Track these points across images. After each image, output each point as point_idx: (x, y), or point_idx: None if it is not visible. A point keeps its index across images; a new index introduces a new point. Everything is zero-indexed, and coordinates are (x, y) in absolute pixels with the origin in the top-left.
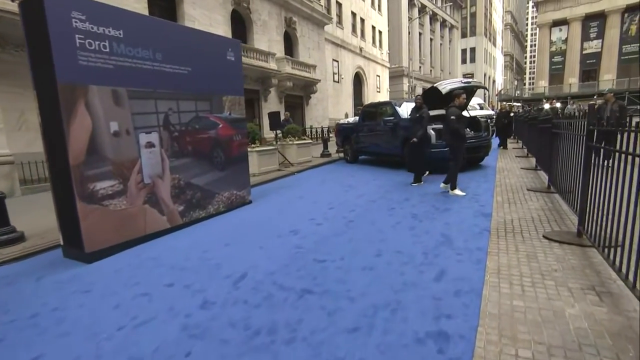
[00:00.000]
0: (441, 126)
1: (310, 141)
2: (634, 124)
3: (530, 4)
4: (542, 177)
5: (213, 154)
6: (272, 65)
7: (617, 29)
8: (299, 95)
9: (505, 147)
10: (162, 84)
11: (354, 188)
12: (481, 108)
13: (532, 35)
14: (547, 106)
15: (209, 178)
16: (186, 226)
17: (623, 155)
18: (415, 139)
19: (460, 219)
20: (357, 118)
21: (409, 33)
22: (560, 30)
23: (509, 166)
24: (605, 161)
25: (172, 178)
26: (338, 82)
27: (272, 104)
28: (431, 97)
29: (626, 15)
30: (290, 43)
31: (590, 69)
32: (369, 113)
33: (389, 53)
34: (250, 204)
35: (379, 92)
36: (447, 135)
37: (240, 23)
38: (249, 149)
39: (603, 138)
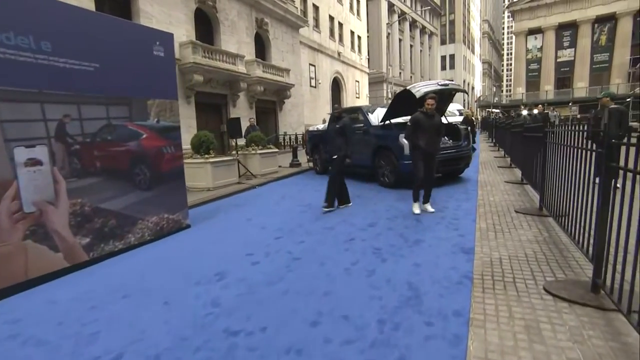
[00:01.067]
0: None
1: (276, 150)
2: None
3: (507, 13)
4: (530, 194)
5: (134, 170)
6: (241, 68)
7: (589, 39)
8: (271, 100)
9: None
10: (52, 83)
11: (313, 208)
12: (460, 114)
13: (508, 43)
14: (524, 112)
15: (128, 200)
16: (95, 262)
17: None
18: (335, 156)
19: (433, 258)
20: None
21: (388, 36)
22: (536, 38)
23: (492, 179)
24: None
25: (71, 203)
26: (315, 87)
27: (241, 109)
28: (404, 101)
29: (596, 25)
30: (262, 46)
31: (564, 77)
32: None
33: (368, 58)
34: (187, 229)
35: (358, 97)
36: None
37: (206, 23)
38: (200, 160)
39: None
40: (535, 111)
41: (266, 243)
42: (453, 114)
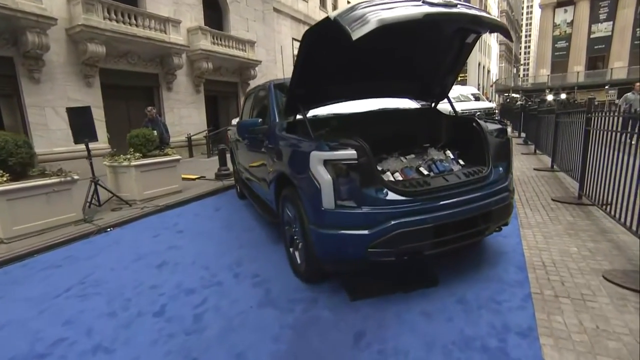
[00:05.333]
0: (354, 154)
1: (175, 158)
2: None
3: None
4: None
5: None
6: (175, 37)
7: (632, 9)
8: (231, 81)
9: None
10: None
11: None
12: (477, 99)
13: (527, 24)
14: (550, 97)
15: None
16: None
17: None
18: None
19: None
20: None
21: None
22: (566, 11)
23: (557, 253)
24: None
25: None
26: None
27: (182, 93)
28: (330, 55)
29: None
30: (218, 11)
31: (597, 56)
32: (248, 107)
33: None
34: None
35: None
36: None
37: None
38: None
39: None
40: (563, 96)
41: None
42: (467, 98)
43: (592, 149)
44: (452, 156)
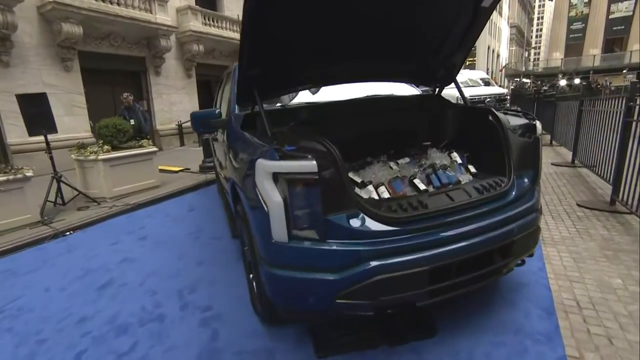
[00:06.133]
0: (313, 166)
1: (150, 150)
2: None
3: None
4: None
5: None
6: (162, 17)
7: None
8: (225, 65)
9: None
10: None
11: None
12: (486, 84)
13: (539, 7)
14: (562, 82)
15: None
16: None
17: None
18: None
19: None
20: None
21: None
22: None
23: (602, 296)
24: None
25: None
26: None
27: (172, 78)
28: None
29: None
30: None
31: (615, 38)
32: (220, 95)
33: None
34: None
35: None
36: None
37: None
38: None
39: None
40: (577, 81)
41: None
42: (476, 83)
43: (632, 144)
44: (459, 160)
